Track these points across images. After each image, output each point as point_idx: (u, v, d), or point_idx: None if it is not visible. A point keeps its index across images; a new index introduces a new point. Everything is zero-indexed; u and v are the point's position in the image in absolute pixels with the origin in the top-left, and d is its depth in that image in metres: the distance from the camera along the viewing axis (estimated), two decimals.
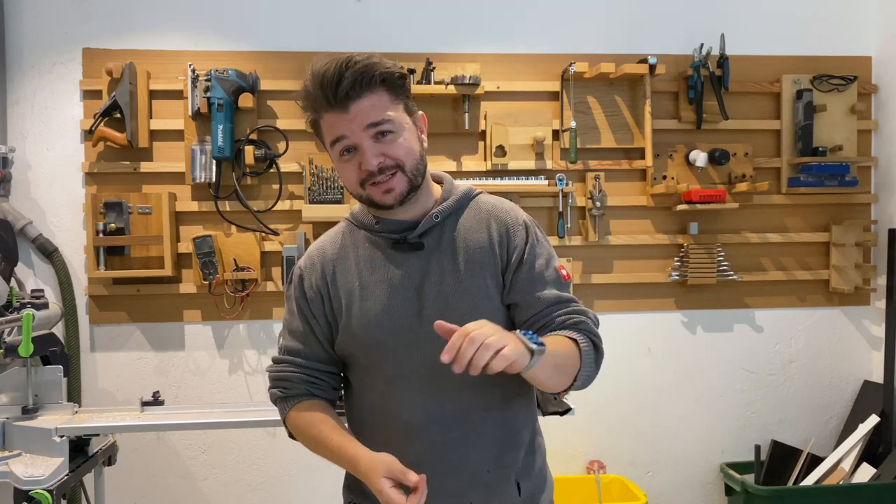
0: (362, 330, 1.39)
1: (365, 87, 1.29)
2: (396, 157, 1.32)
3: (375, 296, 1.38)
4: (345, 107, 1.29)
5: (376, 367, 1.40)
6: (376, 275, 1.40)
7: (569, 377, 1.32)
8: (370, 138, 1.31)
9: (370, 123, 1.30)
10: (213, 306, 2.87)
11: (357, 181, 1.34)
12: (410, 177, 1.34)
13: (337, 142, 1.33)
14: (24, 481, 2.01)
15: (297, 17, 2.92)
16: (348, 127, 1.30)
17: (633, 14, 3.06)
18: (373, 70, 1.30)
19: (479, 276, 1.37)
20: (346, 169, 1.35)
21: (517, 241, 1.39)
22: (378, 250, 1.41)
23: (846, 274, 3.08)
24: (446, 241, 1.39)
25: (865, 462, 2.88)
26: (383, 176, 1.32)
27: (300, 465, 2.95)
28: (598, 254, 3.03)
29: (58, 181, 2.86)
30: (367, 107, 1.30)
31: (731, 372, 3.14)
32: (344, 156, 1.33)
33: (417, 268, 1.38)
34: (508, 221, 1.41)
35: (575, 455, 3.04)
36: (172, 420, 2.32)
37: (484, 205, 1.44)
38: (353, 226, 1.47)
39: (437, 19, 2.98)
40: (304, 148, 2.90)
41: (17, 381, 2.34)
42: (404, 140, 1.33)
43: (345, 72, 1.28)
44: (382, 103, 1.31)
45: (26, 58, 2.84)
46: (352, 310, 1.40)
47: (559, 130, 2.99)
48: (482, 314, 1.27)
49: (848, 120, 3.10)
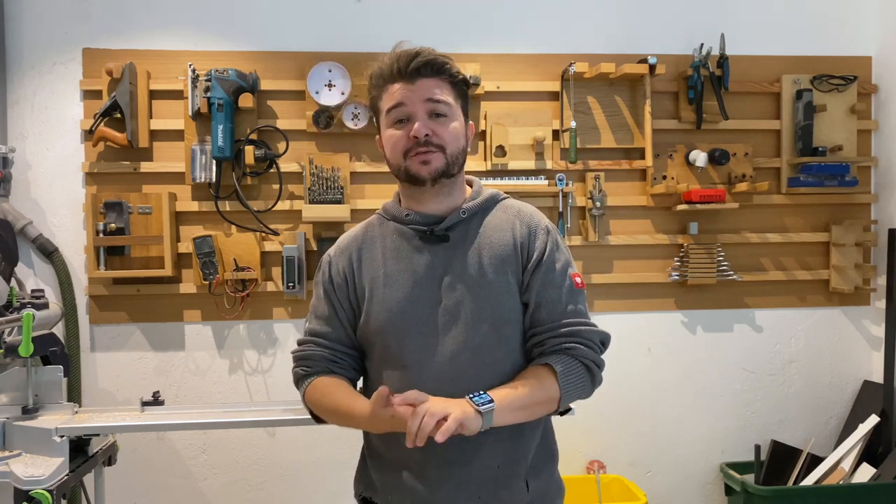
0: (383, 315, 1.45)
1: (435, 72, 1.43)
2: (442, 138, 1.43)
3: (398, 284, 1.45)
4: (412, 80, 1.42)
5: (394, 355, 1.44)
6: (401, 264, 1.47)
7: (548, 406, 1.41)
8: (425, 112, 1.42)
9: (429, 98, 1.42)
10: (213, 306, 2.87)
11: (402, 150, 1.43)
12: (449, 160, 1.44)
13: (394, 108, 1.43)
14: (25, 481, 2.01)
15: (297, 17, 2.92)
16: (409, 96, 1.42)
17: (633, 14, 3.06)
18: (446, 64, 1.45)
19: (501, 271, 1.45)
20: (395, 137, 1.44)
21: (538, 244, 1.47)
22: (405, 241, 1.49)
23: (846, 274, 3.08)
24: (472, 236, 1.47)
25: (865, 462, 2.88)
26: (425, 148, 1.42)
27: (300, 465, 2.95)
28: (598, 254, 3.03)
29: (58, 181, 2.86)
30: (432, 85, 1.43)
31: (731, 372, 3.14)
32: (396, 124, 1.44)
33: (441, 260, 1.45)
34: (532, 224, 1.50)
35: (575, 455, 3.04)
36: (172, 420, 2.32)
37: (510, 208, 1.53)
38: (383, 218, 1.56)
39: (437, 19, 2.98)
40: (304, 148, 2.90)
41: (18, 381, 2.35)
42: (453, 128, 1.45)
43: (423, 53, 1.43)
44: (445, 90, 1.45)
45: (26, 58, 2.84)
46: (374, 296, 1.47)
47: (559, 130, 2.99)
48: (501, 307, 1.42)
49: (848, 120, 3.10)
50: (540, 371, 1.41)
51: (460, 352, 1.41)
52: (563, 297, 1.45)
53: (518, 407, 1.35)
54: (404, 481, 1.45)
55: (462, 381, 1.39)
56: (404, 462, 1.45)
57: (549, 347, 1.43)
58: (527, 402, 1.37)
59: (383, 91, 1.45)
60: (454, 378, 1.40)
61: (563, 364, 1.40)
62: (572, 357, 1.42)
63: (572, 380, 1.40)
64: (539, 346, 1.44)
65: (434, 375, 1.41)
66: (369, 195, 2.94)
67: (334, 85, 2.81)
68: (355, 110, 2.85)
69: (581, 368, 1.42)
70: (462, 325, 1.42)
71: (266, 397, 2.93)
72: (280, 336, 2.93)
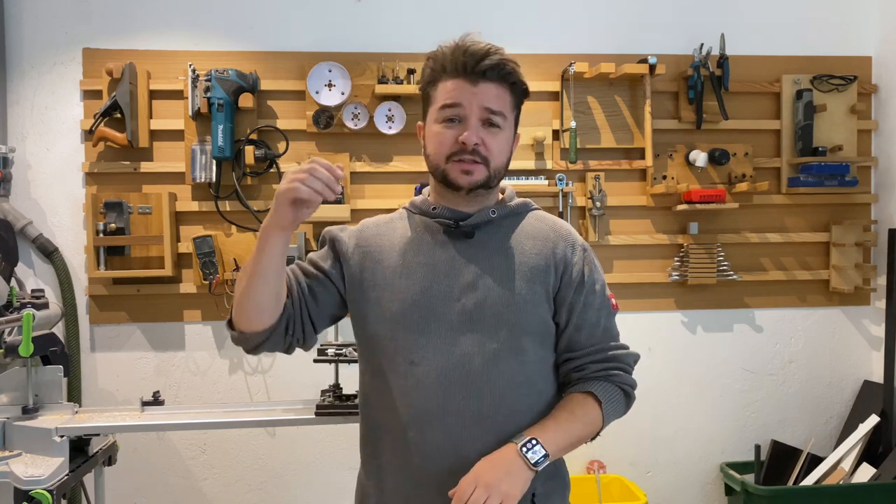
0: (395, 306, 1.39)
1: (501, 77, 1.36)
2: (490, 150, 1.37)
3: (416, 276, 1.40)
4: (475, 81, 1.35)
5: (403, 349, 1.38)
6: (420, 256, 1.42)
7: (589, 436, 1.42)
8: (479, 119, 1.36)
9: (488, 107, 1.35)
10: (214, 306, 2.87)
11: (446, 152, 1.37)
12: (491, 174, 1.39)
13: (448, 107, 1.36)
14: (25, 481, 2.01)
15: (297, 17, 2.92)
16: (468, 98, 1.35)
17: (633, 14, 3.06)
18: (514, 72, 1.37)
19: (530, 281, 1.40)
20: (441, 136, 1.38)
21: (576, 261, 1.45)
22: (428, 234, 1.44)
23: (846, 274, 3.08)
24: (501, 239, 1.43)
25: (865, 462, 2.88)
26: (471, 157, 1.36)
27: (300, 465, 2.95)
28: (598, 254, 2.96)
29: (58, 181, 2.86)
30: (493, 92, 1.36)
31: (731, 372, 3.14)
32: (446, 122, 1.37)
33: (465, 257, 1.41)
34: (570, 240, 1.47)
35: (575, 455, 3.00)
36: (172, 420, 2.32)
37: (545, 219, 1.51)
38: (409, 212, 1.50)
39: (437, 19, 2.98)
40: (304, 148, 2.90)
41: (18, 381, 2.34)
42: (503, 141, 1.39)
43: (493, 54, 1.35)
44: (505, 101, 1.38)
45: (26, 58, 2.84)
46: (392, 286, 1.40)
47: (559, 130, 2.99)
48: (524, 316, 1.37)
49: (848, 120, 3.10)
50: (587, 403, 1.40)
51: (473, 355, 1.36)
52: (602, 321, 1.45)
53: (567, 445, 1.36)
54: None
55: (473, 387, 1.35)
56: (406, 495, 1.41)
57: (591, 373, 1.43)
58: (575, 439, 1.38)
59: (440, 81, 1.38)
60: (464, 382, 1.35)
61: (606, 393, 1.41)
62: (613, 384, 1.43)
63: (613, 407, 1.42)
64: (578, 370, 1.43)
65: (443, 376, 1.35)
66: (369, 195, 2.94)
67: (334, 85, 2.81)
68: (355, 110, 2.85)
69: (620, 394, 1.44)
70: (479, 328, 1.36)
71: (266, 397, 2.93)
72: None
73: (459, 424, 1.35)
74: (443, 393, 1.35)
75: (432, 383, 1.35)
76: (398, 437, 1.39)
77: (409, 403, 1.37)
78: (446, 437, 1.35)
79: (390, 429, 1.40)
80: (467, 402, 1.35)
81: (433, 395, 1.36)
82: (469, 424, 1.35)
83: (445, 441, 1.35)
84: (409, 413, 1.37)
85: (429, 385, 1.36)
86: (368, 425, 1.48)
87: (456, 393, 1.35)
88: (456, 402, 1.35)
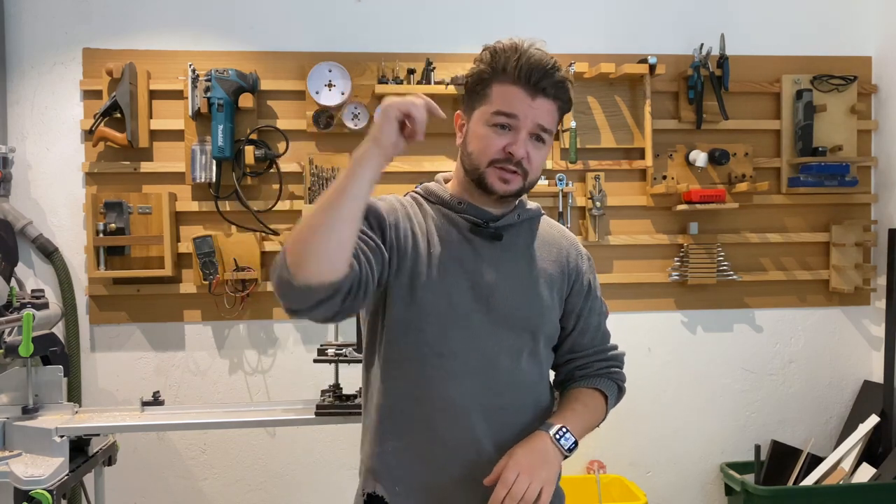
0: (428, 297, 1.37)
1: (557, 95, 1.39)
2: (532, 164, 1.40)
3: (448, 270, 1.40)
4: (534, 95, 1.36)
5: (430, 341, 1.38)
6: (449, 251, 1.41)
7: (596, 426, 1.55)
8: (530, 133, 1.38)
9: (541, 124, 1.38)
10: (213, 306, 2.87)
11: (491, 156, 1.38)
12: (526, 186, 1.43)
13: (504, 115, 1.36)
14: (25, 481, 2.01)
15: (297, 17, 2.92)
16: (524, 111, 1.36)
17: (633, 14, 3.06)
18: (568, 88, 1.41)
19: (549, 287, 1.47)
20: (489, 139, 1.38)
21: (584, 270, 1.54)
22: (454, 228, 1.44)
23: (846, 274, 3.07)
24: (524, 244, 1.49)
25: (865, 462, 2.88)
26: (513, 167, 1.38)
27: (300, 465, 2.95)
28: (598, 254, 3.03)
29: (58, 181, 2.86)
30: (548, 109, 1.38)
31: (731, 372, 3.14)
32: (496, 127, 1.37)
33: (491, 258, 1.43)
34: (578, 249, 1.56)
35: (575, 455, 3.01)
36: (172, 420, 2.32)
37: (553, 225, 1.58)
38: (421, 198, 1.49)
39: (437, 19, 2.98)
40: (304, 148, 2.90)
41: (18, 381, 2.35)
42: (544, 155, 1.44)
43: (556, 71, 1.38)
44: (554, 117, 1.41)
45: (26, 58, 2.84)
46: (422, 274, 1.37)
47: (559, 130, 2.99)
48: (545, 321, 1.45)
49: (848, 120, 3.10)
50: (595, 397, 1.52)
51: (499, 353, 1.40)
52: (602, 324, 1.57)
53: (581, 436, 1.46)
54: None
55: (498, 383, 1.40)
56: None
57: (594, 371, 1.54)
58: (588, 427, 1.49)
59: (496, 83, 1.38)
60: (490, 378, 1.39)
61: (609, 388, 1.53)
62: (612, 380, 1.55)
63: (613, 401, 1.56)
64: (582, 368, 1.54)
65: (470, 372, 1.38)
66: None
67: (334, 85, 2.81)
68: (355, 110, 2.85)
69: (616, 388, 1.56)
70: (506, 328, 1.41)
71: (266, 397, 2.93)
72: (280, 336, 2.92)
73: (482, 418, 1.39)
74: (469, 386, 1.38)
75: (456, 378, 1.38)
76: (420, 426, 1.39)
77: (435, 395, 1.38)
78: (470, 429, 1.39)
79: (409, 418, 1.40)
80: (491, 398, 1.39)
81: (458, 387, 1.38)
82: (490, 419, 1.40)
83: (467, 433, 1.38)
84: (434, 404, 1.39)
85: (453, 379, 1.38)
86: (381, 414, 1.42)
87: (481, 388, 1.39)
88: (481, 396, 1.39)
